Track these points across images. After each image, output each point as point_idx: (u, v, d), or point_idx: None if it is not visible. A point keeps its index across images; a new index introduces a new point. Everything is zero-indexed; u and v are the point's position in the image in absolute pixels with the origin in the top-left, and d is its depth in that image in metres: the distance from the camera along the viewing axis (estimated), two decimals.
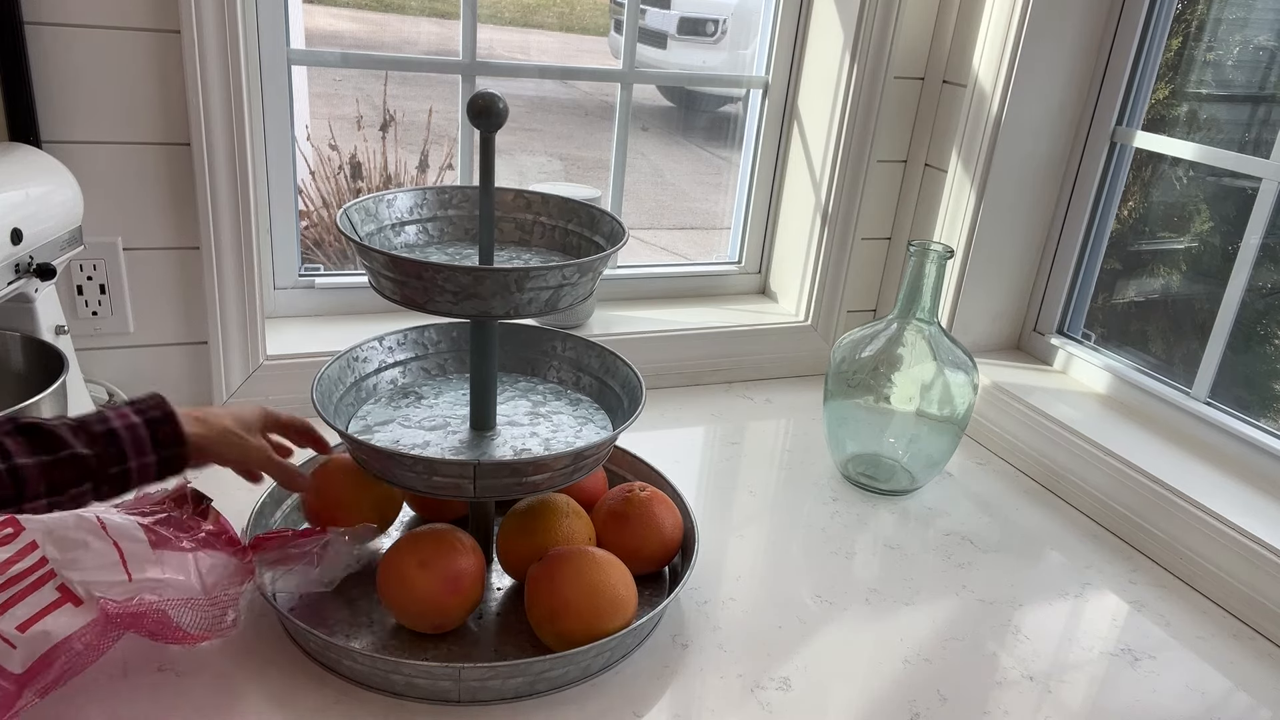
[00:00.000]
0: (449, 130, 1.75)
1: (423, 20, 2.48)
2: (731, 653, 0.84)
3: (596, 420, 0.90)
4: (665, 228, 2.72)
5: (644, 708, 0.77)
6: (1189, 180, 1.21)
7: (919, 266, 1.06)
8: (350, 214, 0.81)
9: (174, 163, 1.02)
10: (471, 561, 0.80)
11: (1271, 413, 1.09)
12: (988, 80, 1.23)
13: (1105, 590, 0.99)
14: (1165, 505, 1.03)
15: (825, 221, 1.37)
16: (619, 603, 0.79)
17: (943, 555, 1.02)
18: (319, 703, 0.74)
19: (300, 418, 0.84)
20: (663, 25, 2.97)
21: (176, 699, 0.73)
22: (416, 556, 0.78)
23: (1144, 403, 1.20)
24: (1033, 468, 1.20)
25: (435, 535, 0.81)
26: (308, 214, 1.75)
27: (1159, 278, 1.26)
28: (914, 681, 0.83)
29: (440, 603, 0.78)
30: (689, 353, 1.36)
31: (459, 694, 0.75)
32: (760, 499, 1.10)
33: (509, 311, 0.75)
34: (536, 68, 1.38)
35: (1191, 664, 0.89)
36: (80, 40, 0.95)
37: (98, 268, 1.04)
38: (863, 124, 1.32)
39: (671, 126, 2.98)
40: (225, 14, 0.97)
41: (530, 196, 0.90)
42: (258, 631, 0.80)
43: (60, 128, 0.97)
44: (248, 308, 1.10)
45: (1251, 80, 1.14)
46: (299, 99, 1.24)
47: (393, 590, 0.79)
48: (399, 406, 0.90)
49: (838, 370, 1.11)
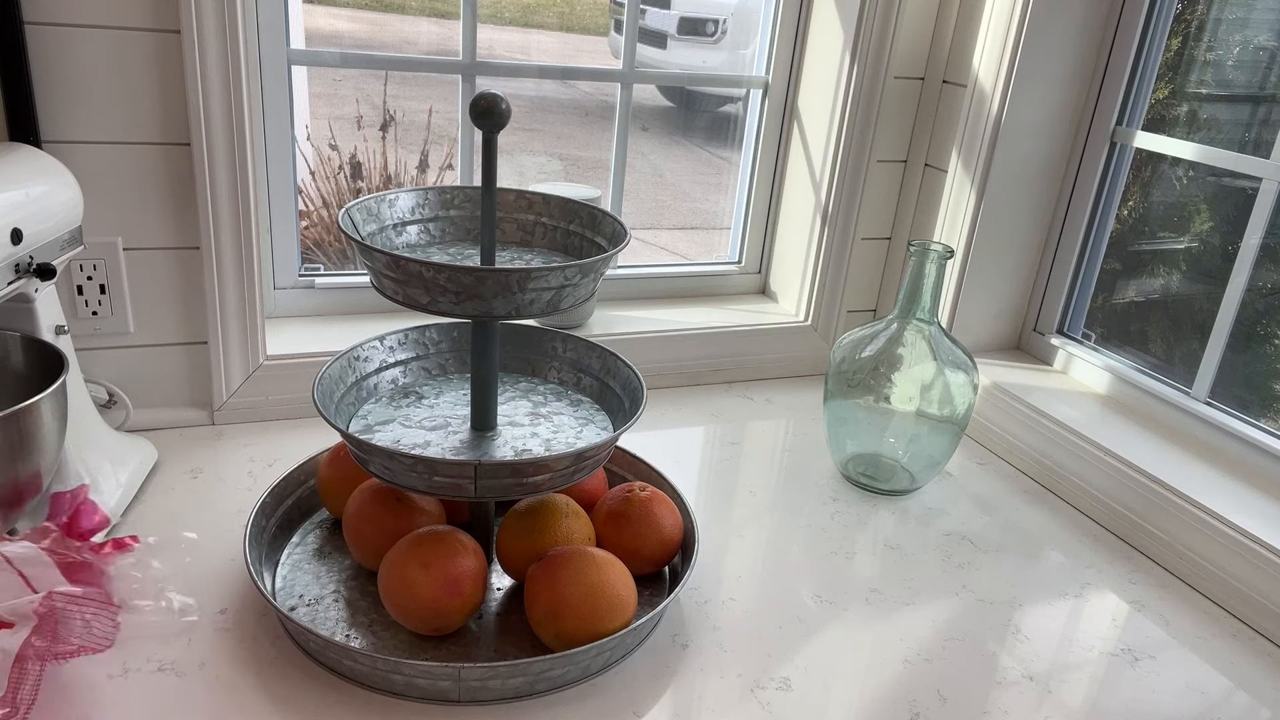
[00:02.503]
0: (449, 130, 1.75)
1: (423, 20, 2.47)
2: (731, 653, 0.84)
3: (597, 421, 0.90)
4: (665, 228, 2.72)
5: (644, 708, 0.77)
6: (1189, 180, 1.21)
7: (919, 266, 1.06)
8: (352, 214, 0.81)
9: (174, 163, 1.02)
10: (473, 563, 0.80)
11: (1271, 413, 1.09)
12: (988, 80, 1.23)
13: (1105, 590, 0.99)
14: (1165, 505, 1.03)
15: (825, 221, 1.37)
16: (619, 603, 0.79)
17: (943, 555, 1.02)
18: (319, 703, 0.74)
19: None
20: (663, 25, 2.97)
21: (176, 699, 0.73)
22: (418, 558, 0.78)
23: (1144, 403, 1.20)
24: (1033, 468, 1.20)
25: (437, 537, 0.80)
26: (308, 214, 1.75)
27: (1159, 278, 1.26)
28: (914, 681, 0.83)
29: (441, 605, 0.78)
30: (689, 353, 1.36)
31: (459, 694, 0.75)
32: (760, 499, 1.10)
33: (511, 312, 0.75)
34: (536, 68, 1.38)
35: (1191, 664, 0.89)
36: (80, 40, 0.95)
37: (98, 268, 1.04)
38: (863, 124, 1.32)
39: (671, 126, 2.98)
40: (225, 14, 0.97)
41: (532, 197, 0.90)
42: (258, 631, 0.80)
43: (60, 128, 0.97)
44: (248, 308, 1.10)
45: (1251, 80, 1.14)
46: (299, 99, 1.24)
47: (394, 591, 0.78)
48: (400, 406, 0.90)
49: (838, 370, 1.12)
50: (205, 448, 1.08)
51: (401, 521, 0.85)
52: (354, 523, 0.86)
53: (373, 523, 0.85)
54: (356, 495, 0.88)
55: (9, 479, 0.77)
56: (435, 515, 0.89)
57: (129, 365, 1.09)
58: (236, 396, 1.13)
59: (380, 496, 0.87)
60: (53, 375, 0.82)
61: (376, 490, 0.87)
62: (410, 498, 0.87)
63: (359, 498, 0.87)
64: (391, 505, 0.86)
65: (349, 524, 0.87)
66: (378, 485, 0.88)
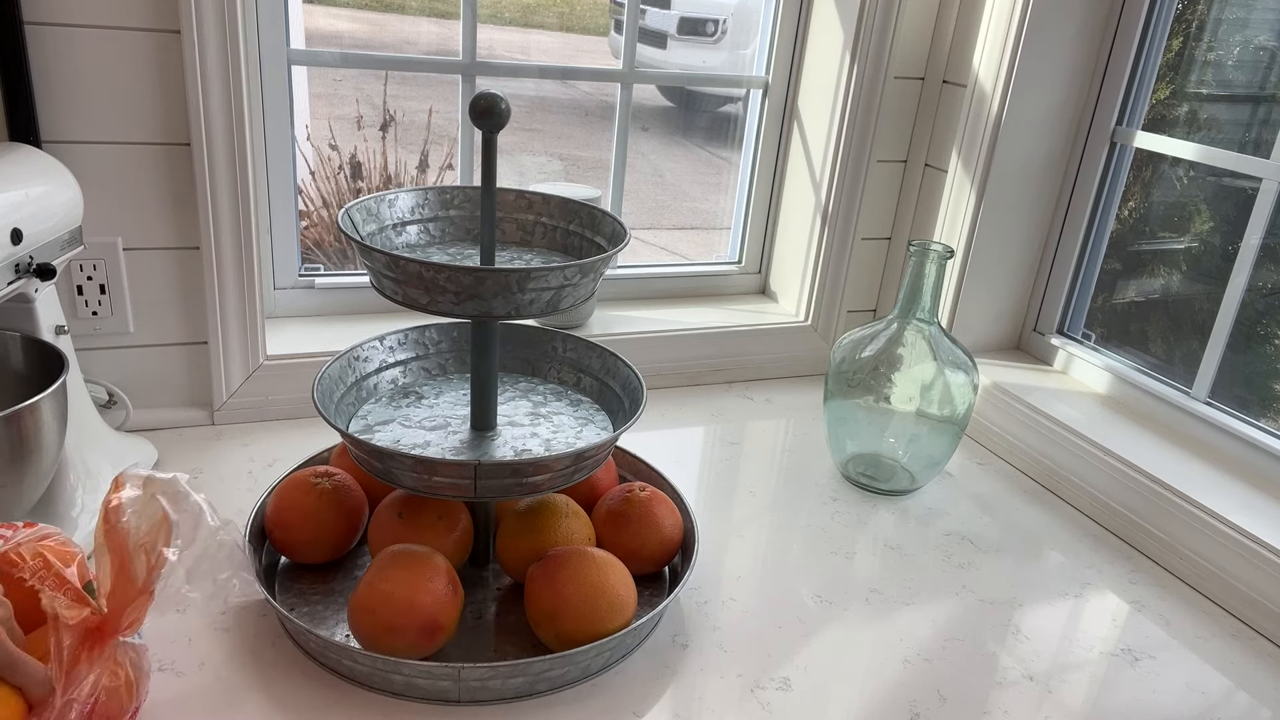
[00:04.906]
0: (449, 130, 1.75)
1: (423, 20, 2.47)
2: (731, 653, 0.84)
3: (597, 421, 0.90)
4: (665, 228, 2.72)
5: (644, 708, 0.77)
6: (1189, 180, 1.21)
7: (919, 266, 1.06)
8: (352, 214, 0.81)
9: (174, 163, 1.02)
10: (441, 589, 0.76)
11: (1271, 413, 1.09)
12: (988, 80, 1.23)
13: (1105, 590, 0.99)
14: (1165, 505, 1.03)
15: (825, 221, 1.37)
16: (619, 603, 0.79)
17: (943, 555, 1.02)
18: (319, 703, 0.74)
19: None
20: (663, 25, 2.97)
21: (176, 699, 0.73)
22: (385, 622, 0.74)
23: (1144, 403, 1.20)
24: (1033, 468, 1.20)
25: (400, 581, 0.76)
26: (308, 214, 1.74)
27: (1159, 278, 1.26)
28: (914, 681, 0.83)
29: (423, 645, 0.76)
30: (689, 353, 1.36)
31: (459, 694, 0.75)
32: (760, 499, 1.10)
33: (510, 312, 0.75)
34: (536, 68, 1.38)
35: (1191, 664, 0.89)
36: (80, 40, 0.95)
37: (98, 268, 1.04)
38: (863, 124, 1.32)
39: (671, 126, 2.98)
40: (225, 14, 0.97)
41: (532, 197, 0.90)
42: (258, 631, 0.80)
43: (60, 128, 0.97)
44: (248, 308, 1.10)
45: (1252, 80, 1.14)
46: (299, 99, 1.24)
47: (375, 646, 0.76)
48: (399, 406, 0.90)
49: (838, 370, 1.11)
50: (205, 448, 1.08)
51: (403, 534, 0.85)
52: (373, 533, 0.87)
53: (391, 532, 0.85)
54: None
55: (9, 479, 0.76)
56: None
57: (129, 365, 1.09)
58: (236, 396, 1.13)
59: (389, 506, 0.87)
60: (53, 375, 0.82)
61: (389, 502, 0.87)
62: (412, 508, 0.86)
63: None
64: (393, 520, 0.85)
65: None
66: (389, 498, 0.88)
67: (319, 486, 0.87)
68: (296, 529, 0.85)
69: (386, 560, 0.78)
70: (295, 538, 0.86)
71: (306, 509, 0.86)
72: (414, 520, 0.84)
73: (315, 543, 0.86)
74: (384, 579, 0.76)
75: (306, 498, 0.86)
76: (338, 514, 0.87)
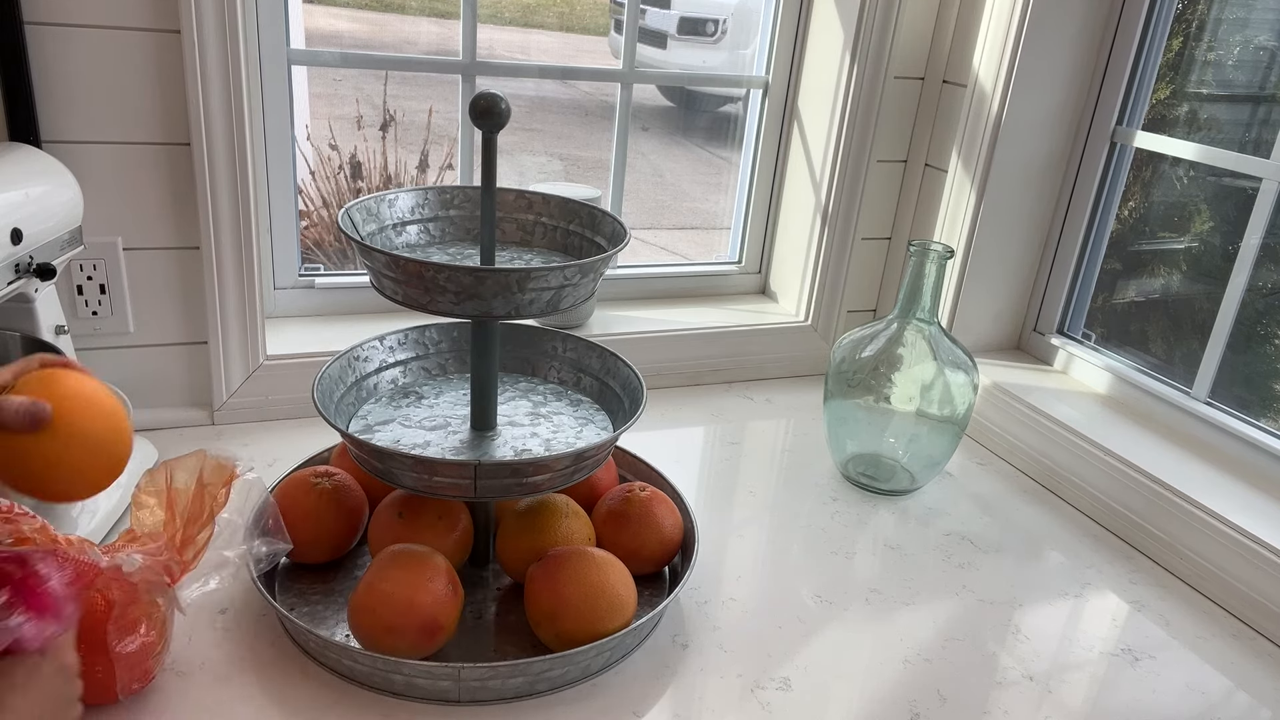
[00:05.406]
0: (449, 130, 1.75)
1: (423, 20, 2.48)
2: (731, 653, 0.84)
3: (597, 421, 0.90)
4: (665, 228, 2.72)
5: (644, 708, 0.77)
6: (1189, 180, 1.21)
7: (919, 266, 1.06)
8: (352, 214, 0.81)
9: (174, 163, 1.02)
10: (441, 589, 0.76)
11: (1271, 413, 1.09)
12: (988, 80, 1.23)
13: (1105, 590, 0.99)
14: (1165, 505, 1.03)
15: (825, 221, 1.37)
16: (619, 603, 0.79)
17: (943, 555, 1.02)
18: (319, 703, 0.74)
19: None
20: (663, 25, 2.98)
21: (176, 699, 0.73)
22: (385, 622, 0.75)
23: (1144, 403, 1.20)
24: (1033, 468, 1.20)
25: (400, 581, 0.76)
26: (308, 214, 1.75)
27: (1159, 278, 1.26)
28: (914, 681, 0.83)
29: (424, 645, 0.76)
30: (689, 353, 1.36)
31: (459, 694, 0.75)
32: (760, 499, 1.10)
33: (510, 312, 0.75)
34: (537, 68, 1.38)
35: (1191, 664, 0.89)
36: (80, 40, 0.95)
37: (98, 268, 1.04)
38: (863, 124, 1.32)
39: (671, 126, 2.98)
40: (225, 14, 0.97)
41: (532, 197, 0.90)
42: (258, 631, 0.80)
43: (60, 128, 0.97)
44: (248, 308, 1.10)
45: (1252, 80, 1.14)
46: (299, 99, 1.24)
47: (376, 647, 0.76)
48: (399, 406, 0.90)
49: (838, 370, 1.11)
50: (205, 448, 1.08)
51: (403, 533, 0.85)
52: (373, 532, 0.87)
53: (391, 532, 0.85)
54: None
55: None
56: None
57: (129, 365, 1.09)
58: (236, 396, 1.13)
59: (389, 506, 0.87)
60: None
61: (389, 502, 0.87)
62: (411, 509, 0.86)
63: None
64: (393, 520, 0.85)
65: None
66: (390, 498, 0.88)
67: (319, 486, 0.87)
68: (297, 529, 0.85)
69: (386, 560, 0.78)
70: (295, 537, 0.86)
71: (306, 509, 0.86)
72: (414, 520, 0.84)
73: (315, 542, 0.87)
74: (384, 579, 0.76)
75: (307, 497, 0.86)
76: (338, 514, 0.87)
